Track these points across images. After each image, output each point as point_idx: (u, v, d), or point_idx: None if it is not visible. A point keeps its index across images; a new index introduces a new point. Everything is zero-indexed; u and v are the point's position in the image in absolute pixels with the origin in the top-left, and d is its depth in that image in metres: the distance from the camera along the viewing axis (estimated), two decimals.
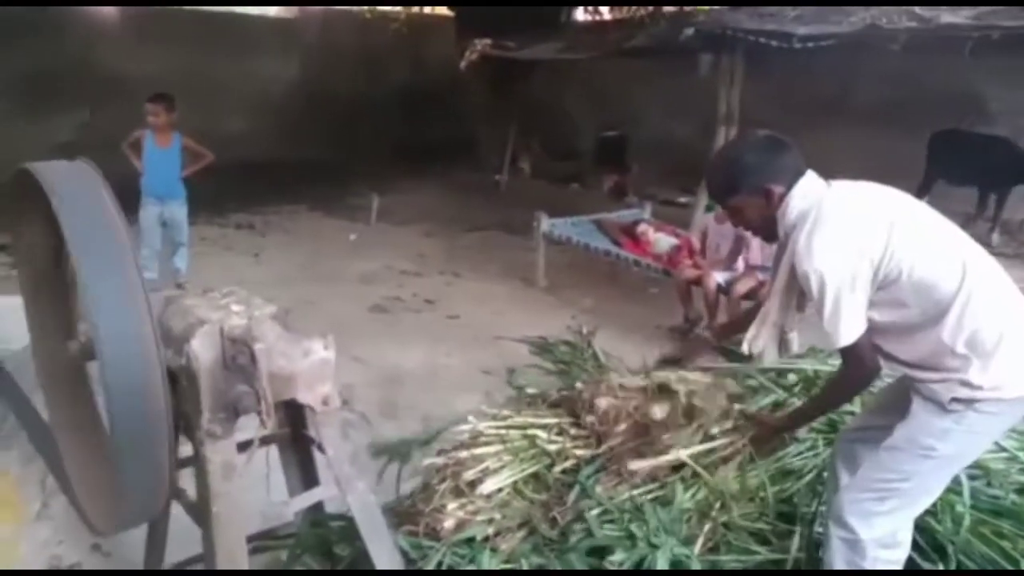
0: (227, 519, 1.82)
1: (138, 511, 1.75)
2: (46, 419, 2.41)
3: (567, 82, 9.87)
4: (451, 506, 2.28)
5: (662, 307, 5.43)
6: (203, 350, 1.74)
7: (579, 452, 2.41)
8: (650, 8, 9.27)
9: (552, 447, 2.40)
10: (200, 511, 1.85)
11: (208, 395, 1.75)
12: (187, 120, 5.49)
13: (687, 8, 8.95)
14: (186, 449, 1.87)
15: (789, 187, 2.01)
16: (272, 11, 10.37)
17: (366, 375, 4.04)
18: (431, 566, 2.17)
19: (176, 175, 5.30)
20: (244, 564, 1.86)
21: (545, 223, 5.91)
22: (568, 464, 2.39)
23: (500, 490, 2.33)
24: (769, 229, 2.10)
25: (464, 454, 2.38)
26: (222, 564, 1.81)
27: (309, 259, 6.40)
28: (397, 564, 2.11)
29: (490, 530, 2.24)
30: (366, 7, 10.46)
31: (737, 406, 2.49)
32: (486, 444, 2.43)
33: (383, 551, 2.08)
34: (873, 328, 1.93)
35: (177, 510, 2.01)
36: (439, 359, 4.49)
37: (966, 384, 1.87)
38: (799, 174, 2.02)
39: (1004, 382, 1.86)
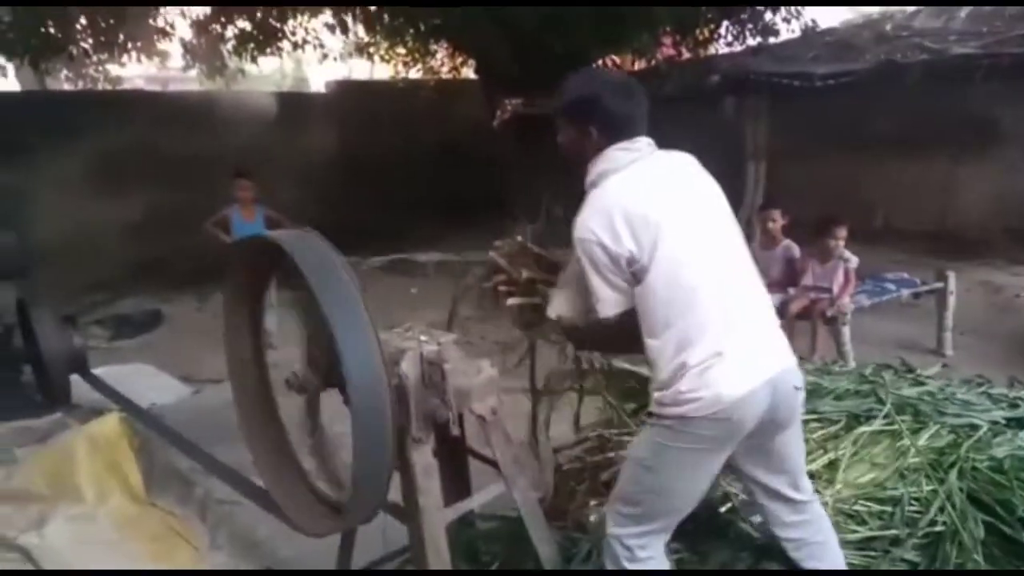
0: (431, 511, 2.19)
1: (364, 511, 2.12)
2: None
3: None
4: (592, 503, 2.64)
5: None
6: (411, 371, 2.14)
7: None
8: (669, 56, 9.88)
9: None
10: (406, 506, 2.22)
11: (415, 408, 2.14)
12: None
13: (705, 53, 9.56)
14: None
15: (610, 140, 1.98)
16: (312, 86, 11.03)
17: None
18: (582, 554, 2.51)
19: None
20: (445, 549, 2.22)
21: None
22: None
23: None
24: (578, 168, 2.07)
25: (599, 458, 2.74)
26: (429, 550, 2.18)
27: (378, 312, 6.80)
28: (554, 550, 2.46)
29: None
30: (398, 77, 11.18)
31: None
32: (614, 449, 2.79)
33: (544, 539, 2.43)
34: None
35: None
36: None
37: (656, 401, 1.93)
38: (626, 133, 1.99)
39: (686, 400, 1.85)
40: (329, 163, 10.56)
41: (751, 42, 9.38)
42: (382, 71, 12.59)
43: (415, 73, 12.02)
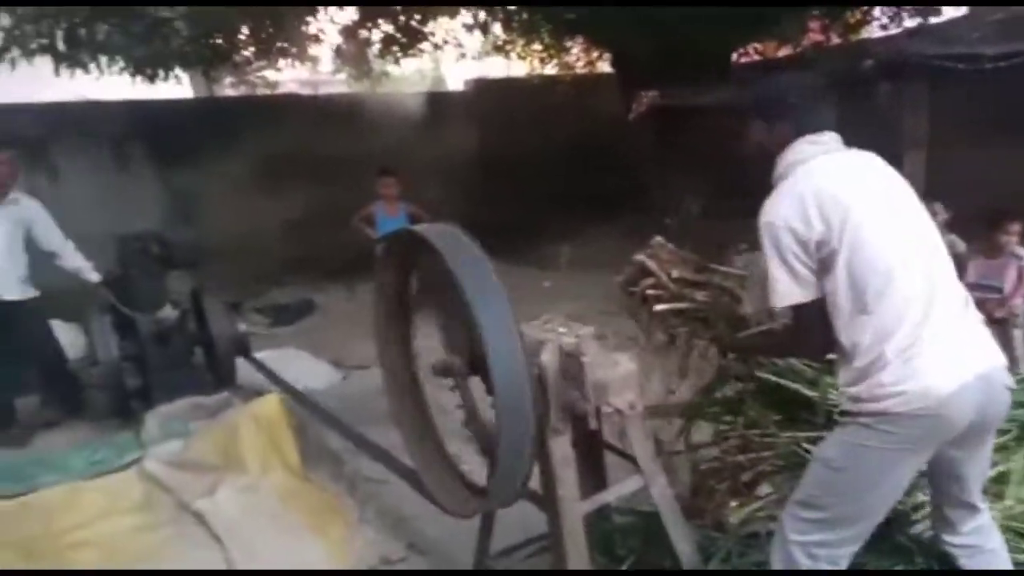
0: (569, 500, 2.23)
1: (505, 496, 2.19)
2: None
3: (730, 122, 10.06)
4: (733, 504, 2.58)
5: None
6: (550, 362, 2.18)
7: None
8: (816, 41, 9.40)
9: None
10: (546, 495, 2.27)
11: (554, 399, 2.19)
12: None
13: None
14: None
15: (797, 134, 2.00)
16: (448, 85, 11.38)
17: None
18: (720, 554, 2.47)
19: None
20: (583, 540, 2.25)
21: None
22: None
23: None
24: (763, 165, 2.06)
25: (740, 458, 2.68)
26: (567, 539, 2.22)
27: (515, 304, 6.95)
28: (693, 549, 2.43)
29: (772, 526, 2.51)
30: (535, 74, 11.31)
31: None
32: (755, 450, 2.71)
33: (682, 536, 2.41)
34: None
35: None
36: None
37: (850, 397, 1.85)
38: (811, 128, 2.00)
39: (888, 394, 1.77)
40: (468, 160, 10.85)
41: (908, 24, 8.75)
42: (518, 68, 12.76)
43: (550, 69, 12.11)
